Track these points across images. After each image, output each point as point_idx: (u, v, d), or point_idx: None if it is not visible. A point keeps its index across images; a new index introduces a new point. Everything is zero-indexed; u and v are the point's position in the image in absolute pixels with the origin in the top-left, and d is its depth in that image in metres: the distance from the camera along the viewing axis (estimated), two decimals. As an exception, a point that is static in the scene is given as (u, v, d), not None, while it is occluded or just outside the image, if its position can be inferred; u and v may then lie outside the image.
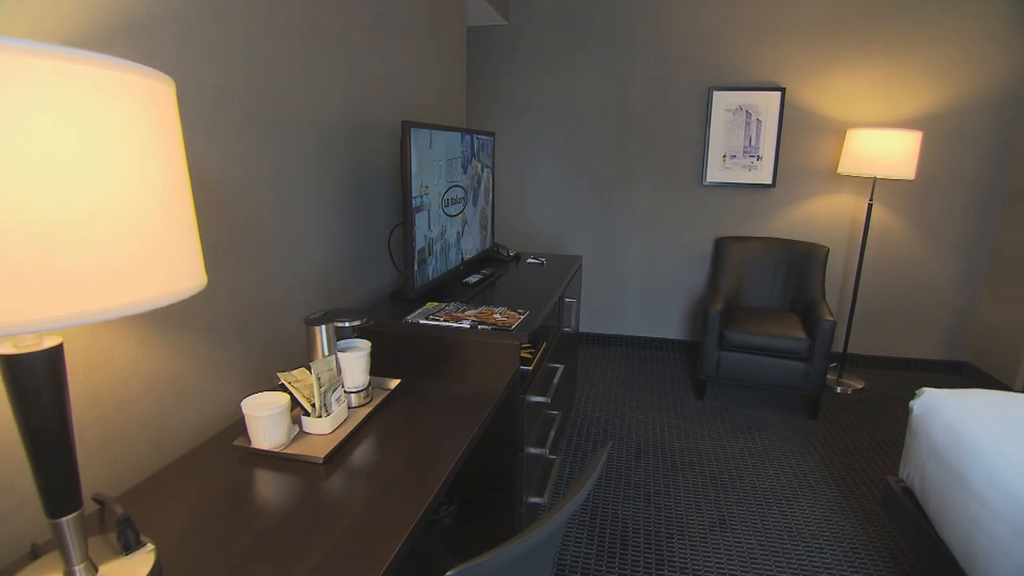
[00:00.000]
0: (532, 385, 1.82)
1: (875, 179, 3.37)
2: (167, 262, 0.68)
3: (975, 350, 3.77)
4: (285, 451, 1.15)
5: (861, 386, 3.55)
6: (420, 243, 1.86)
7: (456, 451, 1.18)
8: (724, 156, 3.79)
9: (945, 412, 1.62)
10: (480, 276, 2.28)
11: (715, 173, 3.82)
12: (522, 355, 1.84)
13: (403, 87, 2.25)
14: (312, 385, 1.23)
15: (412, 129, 1.69)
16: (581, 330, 4.07)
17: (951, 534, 1.50)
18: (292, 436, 1.20)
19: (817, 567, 2.02)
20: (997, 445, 1.42)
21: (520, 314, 1.78)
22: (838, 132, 3.62)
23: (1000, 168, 3.53)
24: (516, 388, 1.64)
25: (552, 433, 2.11)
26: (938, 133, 3.52)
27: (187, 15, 1.17)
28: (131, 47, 1.04)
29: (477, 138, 2.37)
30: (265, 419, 1.12)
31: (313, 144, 1.65)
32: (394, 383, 1.47)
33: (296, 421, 1.24)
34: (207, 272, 1.22)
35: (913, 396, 1.86)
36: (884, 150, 3.20)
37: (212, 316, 1.29)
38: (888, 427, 3.03)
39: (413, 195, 1.76)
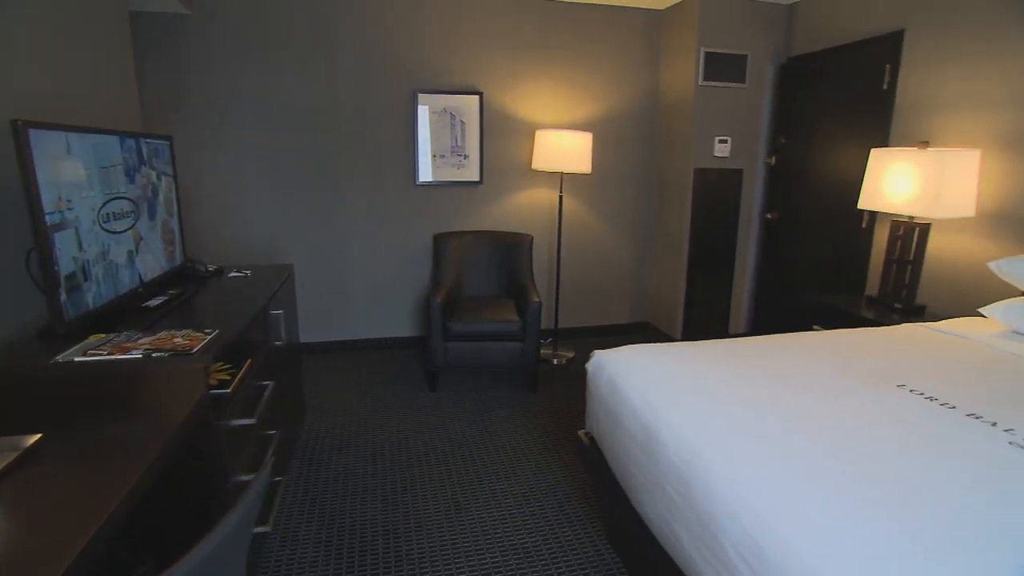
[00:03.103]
0: (232, 408, 1.67)
1: (562, 173, 3.87)
2: None
3: (651, 311, 4.63)
4: None
5: (572, 355, 4.07)
6: (68, 267, 1.56)
7: (111, 505, 1.02)
8: (435, 156, 3.96)
9: (607, 368, 1.94)
10: (165, 297, 2.01)
11: (427, 173, 3.97)
12: (219, 378, 1.68)
13: (29, 82, 1.85)
14: None
15: (32, 131, 1.40)
16: (307, 340, 3.89)
17: (616, 465, 1.82)
18: None
19: (539, 522, 2.26)
20: (636, 385, 1.75)
21: (207, 334, 1.61)
22: (529, 133, 4.07)
23: (649, 163, 4.40)
24: (208, 415, 1.49)
25: (270, 454, 1.98)
26: (605, 134, 4.20)
27: None
28: None
29: (146, 142, 2.08)
30: None
31: None
32: (32, 439, 1.21)
33: None
34: None
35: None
36: (564, 148, 3.69)
37: None
38: (591, 386, 3.53)
39: (47, 211, 1.47)
